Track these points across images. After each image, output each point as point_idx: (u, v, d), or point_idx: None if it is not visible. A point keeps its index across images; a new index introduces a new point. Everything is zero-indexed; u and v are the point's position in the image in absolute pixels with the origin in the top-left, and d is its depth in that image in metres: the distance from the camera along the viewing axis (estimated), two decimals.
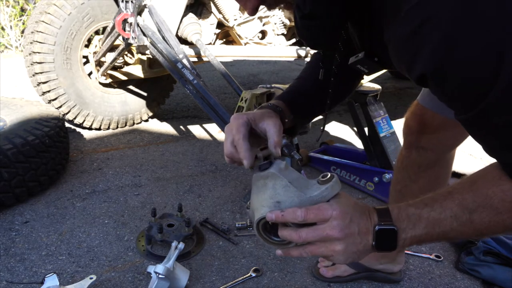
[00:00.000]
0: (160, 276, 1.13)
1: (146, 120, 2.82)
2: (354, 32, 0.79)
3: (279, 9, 2.48)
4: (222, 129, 1.74)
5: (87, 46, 2.44)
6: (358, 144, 2.45)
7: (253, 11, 0.73)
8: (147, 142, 2.48)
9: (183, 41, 2.16)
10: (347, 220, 0.60)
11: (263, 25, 2.49)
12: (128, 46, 2.15)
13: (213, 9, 2.27)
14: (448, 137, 1.05)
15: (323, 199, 0.62)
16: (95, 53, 2.46)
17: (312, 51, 2.14)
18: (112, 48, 2.34)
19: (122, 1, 2.00)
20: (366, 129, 1.98)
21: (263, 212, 0.63)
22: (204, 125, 2.83)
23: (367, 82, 2.22)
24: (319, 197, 0.61)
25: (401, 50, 0.57)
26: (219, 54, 2.21)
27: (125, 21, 2.01)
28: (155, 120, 2.90)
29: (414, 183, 1.14)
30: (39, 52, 2.18)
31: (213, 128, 2.76)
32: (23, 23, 5.16)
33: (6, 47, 5.22)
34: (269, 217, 0.62)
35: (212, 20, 2.32)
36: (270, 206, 0.63)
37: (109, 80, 2.53)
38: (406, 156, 1.14)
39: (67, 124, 2.28)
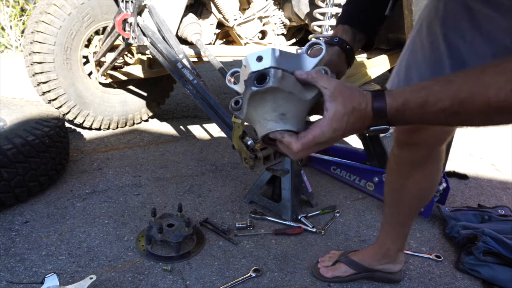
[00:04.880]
0: None
1: (146, 120, 2.83)
2: None
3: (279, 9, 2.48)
4: (222, 129, 1.74)
5: (87, 46, 2.44)
6: (358, 144, 2.45)
7: None
8: (147, 142, 2.48)
9: (183, 41, 2.16)
10: (339, 133, 0.62)
11: (263, 25, 2.49)
12: (128, 46, 2.15)
13: (213, 9, 2.27)
14: (439, 131, 1.06)
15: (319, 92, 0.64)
16: (95, 53, 2.46)
17: None
18: (112, 48, 2.34)
19: (122, 1, 2.00)
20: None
21: (270, 126, 0.64)
22: (204, 125, 2.84)
23: (367, 82, 2.23)
24: (318, 96, 0.64)
25: None
26: (219, 54, 2.21)
27: (125, 21, 2.01)
28: (155, 120, 2.91)
29: (408, 180, 1.15)
30: (39, 52, 2.18)
31: (213, 128, 2.76)
32: (23, 23, 5.17)
33: (6, 47, 5.23)
34: (276, 137, 0.64)
35: (212, 20, 2.32)
36: (275, 119, 0.63)
37: (109, 80, 2.54)
38: (398, 155, 1.15)
39: (67, 124, 2.29)
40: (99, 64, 2.49)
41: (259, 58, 0.62)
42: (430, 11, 0.94)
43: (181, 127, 2.79)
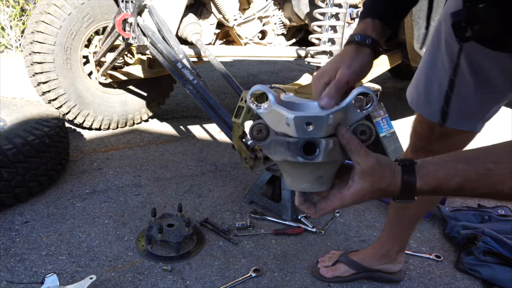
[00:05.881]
0: None
1: (146, 120, 2.83)
2: None
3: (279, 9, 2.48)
4: (222, 129, 1.74)
5: (87, 46, 2.44)
6: None
7: None
8: (147, 142, 2.48)
9: (183, 41, 2.16)
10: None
11: (263, 25, 2.49)
12: (128, 46, 2.15)
13: (213, 9, 2.27)
14: (460, 140, 1.03)
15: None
16: (95, 53, 2.46)
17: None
18: (112, 48, 2.34)
19: (122, 1, 2.00)
20: None
21: (305, 186, 0.63)
22: (204, 125, 2.84)
23: (367, 82, 2.23)
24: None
25: None
26: (219, 54, 2.21)
27: (125, 21, 2.01)
28: (155, 120, 2.91)
29: None
30: (39, 52, 2.18)
31: (213, 128, 2.76)
32: (23, 23, 5.17)
33: (6, 47, 5.23)
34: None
35: (212, 20, 2.32)
36: (312, 181, 0.62)
37: (109, 80, 2.54)
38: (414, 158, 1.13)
39: (67, 124, 2.29)
40: (99, 64, 2.49)
41: (308, 124, 0.57)
42: (448, 24, 0.91)
43: (181, 127, 2.79)
